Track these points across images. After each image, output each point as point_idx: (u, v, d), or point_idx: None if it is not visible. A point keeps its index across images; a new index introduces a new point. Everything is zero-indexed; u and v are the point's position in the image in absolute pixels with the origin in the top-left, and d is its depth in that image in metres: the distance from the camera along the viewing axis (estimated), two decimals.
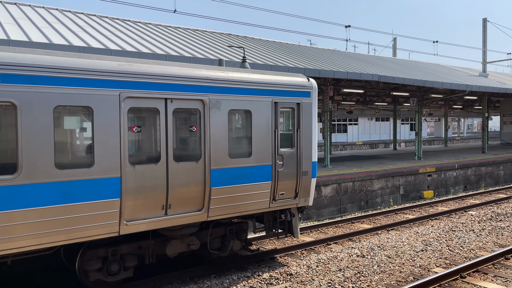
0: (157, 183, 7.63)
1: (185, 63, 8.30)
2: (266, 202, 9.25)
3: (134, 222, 7.41)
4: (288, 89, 9.54)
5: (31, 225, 6.36)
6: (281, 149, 9.44)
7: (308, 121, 9.84)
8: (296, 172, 9.69)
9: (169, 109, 7.78)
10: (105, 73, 6.98)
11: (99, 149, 6.94)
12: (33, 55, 6.44)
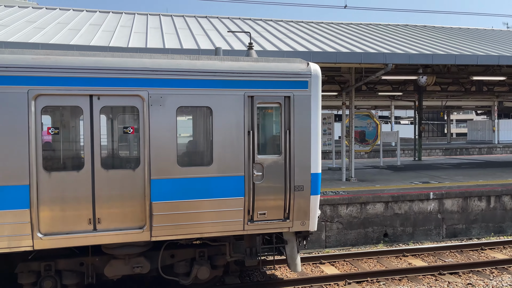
0: (80, 194, 6.59)
1: (126, 54, 7.01)
2: (238, 223, 7.27)
3: (51, 236, 6.52)
4: (271, 78, 7.31)
5: None
6: (259, 156, 7.33)
7: (305, 120, 7.44)
8: (285, 186, 7.41)
9: (95, 107, 6.65)
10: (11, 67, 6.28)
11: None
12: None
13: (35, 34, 11.97)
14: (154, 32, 13.84)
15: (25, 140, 6.30)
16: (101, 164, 6.65)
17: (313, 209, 7.59)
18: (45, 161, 6.50)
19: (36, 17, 14.80)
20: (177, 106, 6.93)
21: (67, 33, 12.49)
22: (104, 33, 12.75)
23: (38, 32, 12.28)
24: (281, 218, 7.48)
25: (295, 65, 7.52)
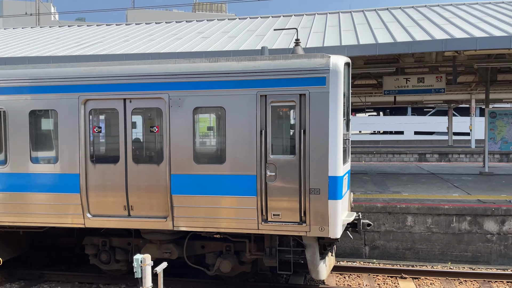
0: (117, 183, 7.75)
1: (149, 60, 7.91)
2: (252, 221, 7.34)
3: (97, 218, 7.88)
4: (284, 76, 7.11)
5: None
6: (272, 156, 7.22)
7: (322, 119, 6.98)
8: (299, 189, 7.12)
9: (128, 109, 7.72)
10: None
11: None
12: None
13: (229, 42, 12.82)
14: (332, 30, 13.50)
15: (77, 137, 7.79)
16: (132, 159, 7.68)
17: (333, 215, 7.04)
18: (93, 155, 7.86)
19: (231, 27, 15.57)
20: (194, 106, 7.44)
21: (255, 39, 12.99)
22: (286, 36, 12.87)
23: (204, 42, 13.14)
24: (297, 221, 7.20)
25: (313, 61, 7.12)
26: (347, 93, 7.86)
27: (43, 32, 17.99)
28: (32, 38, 16.19)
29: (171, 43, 13.10)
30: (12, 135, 8.00)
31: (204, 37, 13.83)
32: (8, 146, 8.01)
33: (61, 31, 17.79)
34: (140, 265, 5.92)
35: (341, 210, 7.20)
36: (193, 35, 14.38)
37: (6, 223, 8.14)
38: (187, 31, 15.38)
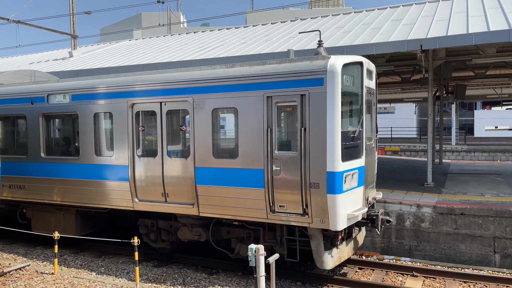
0: (156, 174, 9.15)
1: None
2: (262, 211, 8.09)
3: (143, 202, 9.39)
4: (288, 78, 7.65)
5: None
6: (277, 152, 7.86)
7: (320, 118, 7.40)
8: (301, 182, 7.63)
9: (163, 111, 9.01)
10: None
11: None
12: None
13: (343, 37, 12.89)
14: (458, 17, 12.87)
15: (126, 134, 9.37)
16: (167, 153, 8.99)
17: (332, 208, 7.42)
18: (138, 150, 9.37)
19: (345, 22, 15.61)
20: (212, 108, 8.42)
21: (370, 32, 12.99)
22: (404, 27, 12.72)
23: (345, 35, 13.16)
24: (300, 213, 7.73)
25: (314, 63, 7.53)
26: (356, 92, 8.05)
27: (173, 39, 20.11)
28: (164, 46, 18.27)
29: (286, 42, 13.53)
30: (81, 133, 9.97)
31: (318, 34, 13.65)
32: (79, 143, 10.03)
33: (188, 38, 19.69)
34: (255, 255, 6.32)
35: (342, 204, 7.48)
36: (307, 33, 14.34)
37: (80, 203, 10.20)
38: (301, 29, 15.60)
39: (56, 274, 9.10)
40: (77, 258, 10.30)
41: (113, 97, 9.52)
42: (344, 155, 7.52)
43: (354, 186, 7.93)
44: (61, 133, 10.92)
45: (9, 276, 9.01)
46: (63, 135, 10.87)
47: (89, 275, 9.10)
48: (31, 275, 9.09)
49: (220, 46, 15.21)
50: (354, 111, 8.13)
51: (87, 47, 24.38)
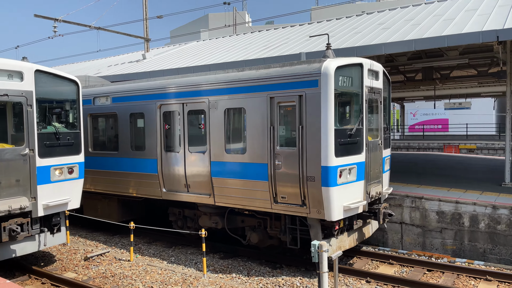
0: (179, 167, 10.21)
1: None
2: (267, 202, 8.78)
3: (169, 192, 10.47)
4: (288, 80, 8.35)
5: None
6: (278, 148, 8.54)
7: (315, 116, 8.01)
8: (299, 176, 8.22)
9: (185, 111, 10.03)
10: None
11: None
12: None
13: (412, 31, 12.42)
14: None
15: (155, 132, 10.43)
16: (188, 149, 9.95)
17: (327, 200, 7.96)
18: (165, 146, 10.42)
19: (415, 14, 15.05)
20: (225, 108, 9.23)
21: (441, 24, 12.43)
22: (479, 18, 12.09)
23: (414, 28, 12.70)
24: (299, 204, 8.37)
25: (311, 66, 8.12)
26: (355, 91, 8.58)
27: (238, 39, 20.52)
28: (230, 45, 18.75)
29: (350, 38, 13.32)
30: (120, 131, 11.26)
31: (384, 28, 13.56)
32: (118, 139, 11.34)
33: (252, 37, 19.57)
34: (317, 251, 6.41)
35: (336, 196, 8.00)
36: (373, 27, 14.22)
37: (120, 193, 11.47)
38: (367, 23, 15.27)
39: (132, 261, 9.84)
40: (150, 248, 11.02)
41: (144, 99, 10.72)
42: (338, 151, 8.00)
43: (351, 180, 8.35)
44: (104, 130, 12.40)
45: (92, 261, 9.91)
46: (105, 132, 12.33)
47: (160, 264, 9.72)
48: (110, 260, 9.92)
49: (284, 44, 15.30)
50: (352, 109, 8.72)
51: (159, 49, 25.78)
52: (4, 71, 7.94)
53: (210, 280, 8.55)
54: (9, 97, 8.00)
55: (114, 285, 8.39)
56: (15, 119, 8.45)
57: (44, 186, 8.50)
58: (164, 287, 8.25)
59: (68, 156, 8.98)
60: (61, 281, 8.36)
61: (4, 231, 7.84)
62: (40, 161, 8.44)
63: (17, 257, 8.80)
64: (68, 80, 9.13)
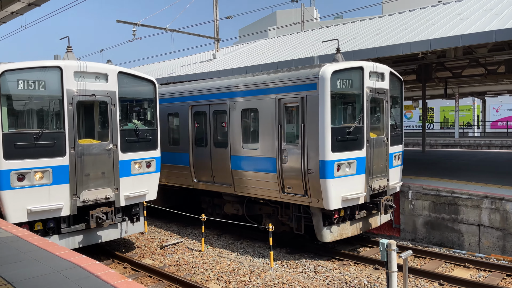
0: (206, 160, 11.64)
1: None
2: (276, 192, 9.86)
3: (199, 182, 11.84)
4: (292, 83, 9.32)
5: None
6: (284, 144, 9.61)
7: (314, 115, 8.91)
8: (301, 169, 9.23)
9: (211, 111, 11.40)
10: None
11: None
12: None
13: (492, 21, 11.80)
14: None
15: (188, 130, 11.50)
16: (213, 144, 11.17)
17: (324, 190, 8.81)
18: (195, 141, 11.70)
19: (495, 3, 14.24)
20: (241, 108, 10.45)
21: None
22: None
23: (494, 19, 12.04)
24: (302, 194, 9.33)
25: (312, 70, 9.03)
26: (355, 92, 9.32)
27: (306, 35, 20.43)
28: (297, 42, 18.78)
29: (424, 30, 12.79)
30: (161, 129, 12.25)
31: (462, 18, 12.96)
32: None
33: (320, 33, 19.27)
34: (386, 250, 6.36)
35: (333, 188, 8.80)
36: (450, 17, 13.66)
37: (160, 182, 12.56)
38: (443, 14, 14.58)
39: (203, 251, 10.35)
40: (220, 239, 11.51)
41: (178, 100, 12.09)
42: (335, 147, 8.82)
43: (351, 173, 9.14)
44: None
45: (167, 249, 10.58)
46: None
47: (229, 255, 10.12)
48: (183, 250, 10.52)
49: (353, 39, 15.01)
50: (352, 109, 9.61)
51: (228, 48, 26.55)
52: (92, 74, 8.77)
53: (277, 274, 8.75)
54: (96, 97, 8.82)
55: (187, 273, 8.90)
56: (100, 117, 9.30)
57: (126, 178, 9.24)
58: (233, 277, 8.60)
59: (146, 151, 9.68)
60: (140, 267, 9.06)
61: (92, 219, 8.66)
62: (122, 156, 9.20)
63: (102, 242, 9.67)
64: (146, 80, 9.82)
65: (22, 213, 7.90)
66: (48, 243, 6.10)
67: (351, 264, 9.46)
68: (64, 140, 8.34)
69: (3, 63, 7.89)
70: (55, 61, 8.42)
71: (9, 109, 7.89)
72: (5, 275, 4.78)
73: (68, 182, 8.39)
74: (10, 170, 7.74)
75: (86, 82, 8.65)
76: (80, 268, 4.99)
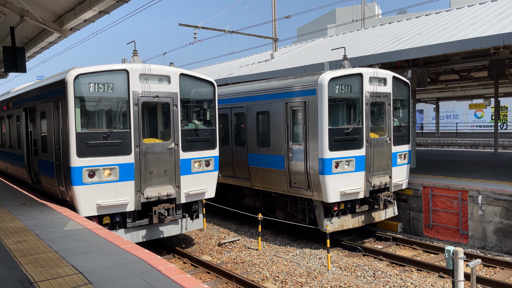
0: (228, 157, 12.85)
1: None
2: (284, 186, 10.93)
3: (223, 177, 13.18)
4: (297, 89, 10.32)
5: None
6: (291, 143, 10.65)
7: (314, 118, 9.88)
8: (304, 166, 10.26)
9: (232, 113, 12.67)
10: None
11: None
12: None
13: None
14: None
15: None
16: (234, 143, 12.15)
17: (323, 185, 9.81)
18: (221, 140, 12.57)
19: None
20: (256, 111, 11.59)
21: None
22: None
23: None
24: (306, 188, 10.34)
25: (313, 77, 10.00)
26: (355, 97, 10.23)
27: (366, 33, 19.39)
28: (357, 40, 18.24)
29: (496, 24, 11.98)
30: None
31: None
32: None
33: (382, 29, 18.61)
34: (452, 257, 6.11)
35: (332, 183, 9.76)
36: None
37: None
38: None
39: (260, 251, 10.43)
40: (276, 239, 11.53)
41: None
42: (333, 146, 9.75)
43: (350, 170, 10.03)
44: None
45: (224, 247, 10.79)
46: None
47: (286, 255, 10.10)
48: (240, 248, 10.68)
49: (418, 35, 14.33)
50: (351, 111, 10.49)
51: (286, 48, 26.52)
52: (155, 76, 9.17)
53: (334, 276, 8.60)
54: (159, 98, 9.21)
55: (243, 271, 9.03)
56: (163, 117, 9.69)
57: (186, 176, 9.56)
58: (289, 278, 8.58)
59: (205, 150, 9.94)
60: (199, 262, 9.33)
61: (155, 214, 9.06)
62: (183, 155, 9.53)
63: (164, 237, 10.09)
64: (206, 81, 10.09)
65: (92, 207, 8.44)
66: (114, 237, 6.47)
67: (413, 270, 9.05)
68: (130, 139, 8.80)
69: (76, 68, 8.48)
70: (122, 64, 8.91)
71: (82, 110, 8.46)
72: (76, 265, 5.14)
73: (133, 179, 8.83)
74: (82, 167, 8.30)
75: (150, 84, 9.06)
76: (143, 262, 5.23)
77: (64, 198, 8.99)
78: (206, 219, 13.78)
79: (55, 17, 11.03)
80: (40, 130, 10.34)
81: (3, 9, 9.75)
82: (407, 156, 11.49)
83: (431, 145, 35.24)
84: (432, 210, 11.36)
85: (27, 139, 11.66)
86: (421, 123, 50.99)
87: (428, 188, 11.46)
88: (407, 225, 11.93)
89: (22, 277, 4.73)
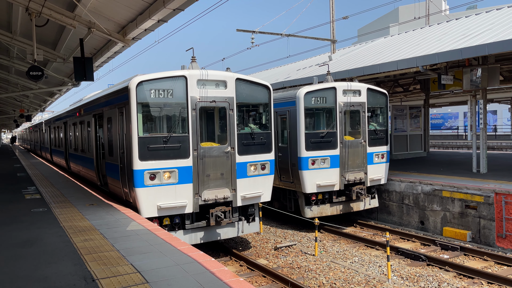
0: None
1: None
2: (277, 179, 13.00)
3: None
4: (284, 101, 12.59)
5: None
6: (280, 144, 12.83)
7: (294, 124, 12.07)
8: (288, 163, 12.42)
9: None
10: None
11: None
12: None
13: None
14: None
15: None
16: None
17: (302, 179, 11.91)
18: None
19: None
20: (278, 115, 13.13)
21: None
22: None
23: None
24: (291, 181, 12.51)
25: (294, 91, 12.23)
26: (329, 106, 12.40)
27: (431, 30, 18.56)
28: (420, 38, 17.30)
29: None
30: None
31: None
32: None
33: (448, 26, 17.87)
34: None
35: (309, 177, 11.90)
36: None
37: None
38: None
39: (316, 256, 10.24)
40: (334, 245, 11.26)
41: None
42: (309, 146, 11.92)
43: (325, 167, 12.12)
44: None
45: (281, 251, 10.74)
46: None
47: (343, 262, 9.83)
48: (296, 253, 10.56)
49: (488, 31, 13.36)
50: (326, 118, 12.61)
51: (345, 49, 25.95)
52: (212, 81, 9.36)
53: (395, 286, 8.22)
54: (216, 103, 9.39)
55: (299, 276, 8.90)
56: (220, 121, 9.86)
57: (242, 180, 9.65)
58: (347, 285, 8.33)
59: (261, 154, 9.97)
60: (255, 266, 9.35)
61: (212, 217, 9.23)
62: (239, 158, 9.63)
63: (221, 240, 10.24)
64: (261, 85, 10.13)
65: (153, 209, 8.79)
66: (172, 238, 6.67)
67: (483, 283, 8.39)
68: (188, 143, 9.05)
69: (139, 75, 8.90)
70: (181, 71, 9.21)
71: (143, 115, 8.85)
72: (135, 264, 5.35)
73: (191, 182, 9.08)
74: (144, 170, 8.67)
75: (207, 89, 9.28)
76: (198, 264, 5.33)
77: (128, 200, 9.45)
78: (263, 223, 13.81)
79: (118, 27, 11.68)
80: (107, 135, 10.98)
81: (72, 22, 10.50)
82: (385, 156, 13.39)
83: (506, 149, 32.64)
84: (506, 218, 10.47)
85: (96, 143, 12.43)
86: (494, 124, 47.52)
87: (501, 195, 10.59)
88: (477, 234, 11.10)
89: (86, 273, 5.01)
